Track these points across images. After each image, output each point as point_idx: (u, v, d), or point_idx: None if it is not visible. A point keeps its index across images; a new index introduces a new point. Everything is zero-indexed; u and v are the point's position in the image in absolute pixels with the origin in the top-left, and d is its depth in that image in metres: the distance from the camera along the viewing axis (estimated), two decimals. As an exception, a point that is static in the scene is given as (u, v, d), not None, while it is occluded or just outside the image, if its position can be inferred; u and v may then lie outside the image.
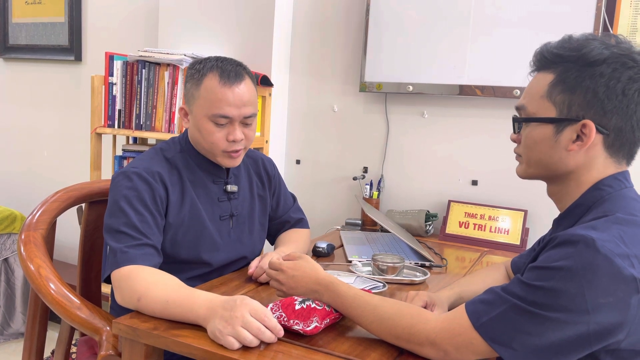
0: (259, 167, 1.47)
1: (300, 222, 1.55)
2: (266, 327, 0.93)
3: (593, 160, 0.90)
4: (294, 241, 1.46)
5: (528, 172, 0.97)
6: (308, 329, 0.97)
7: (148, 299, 1.04)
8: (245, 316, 0.92)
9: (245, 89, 1.24)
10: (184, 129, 1.35)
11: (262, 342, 0.94)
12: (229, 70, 1.23)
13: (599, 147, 0.89)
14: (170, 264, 1.23)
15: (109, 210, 1.20)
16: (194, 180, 1.30)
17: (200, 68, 1.25)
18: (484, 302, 0.86)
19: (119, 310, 1.22)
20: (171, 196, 1.25)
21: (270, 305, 1.02)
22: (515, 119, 0.97)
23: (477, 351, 0.85)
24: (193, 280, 1.29)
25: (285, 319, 0.99)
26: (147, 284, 1.07)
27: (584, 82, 0.87)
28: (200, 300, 1.00)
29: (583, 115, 0.88)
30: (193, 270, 1.30)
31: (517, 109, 0.97)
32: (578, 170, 0.91)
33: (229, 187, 1.35)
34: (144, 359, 1.01)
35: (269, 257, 1.29)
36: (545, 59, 0.92)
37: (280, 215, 1.52)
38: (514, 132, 0.98)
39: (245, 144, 1.29)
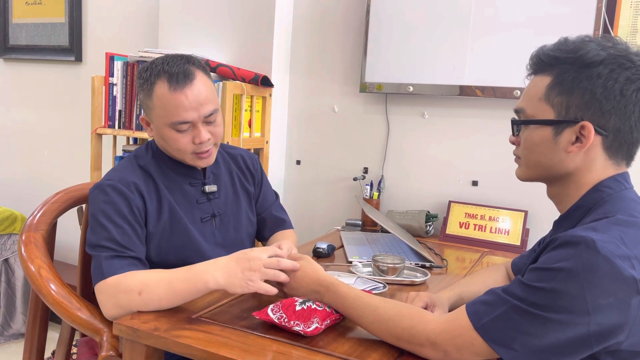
0: (239, 163, 1.43)
1: (284, 223, 1.51)
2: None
3: (592, 162, 0.90)
4: (289, 239, 1.44)
5: (528, 174, 0.97)
6: (308, 330, 0.97)
7: (150, 287, 1.05)
8: (264, 259, 1.05)
9: (200, 87, 1.19)
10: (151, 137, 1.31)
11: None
12: (177, 72, 1.17)
13: (598, 149, 0.89)
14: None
15: (89, 226, 1.18)
16: (169, 185, 1.27)
17: (147, 77, 1.20)
18: (485, 303, 0.86)
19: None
20: (148, 205, 1.22)
21: (271, 306, 1.03)
22: (514, 122, 0.97)
23: (478, 352, 0.85)
24: None
25: (285, 320, 0.99)
26: (143, 277, 1.08)
27: (582, 83, 0.87)
28: (202, 268, 1.07)
29: (581, 117, 0.88)
30: None
31: (516, 111, 0.97)
32: (578, 172, 0.91)
33: (207, 188, 1.31)
34: (145, 359, 1.01)
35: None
36: (542, 62, 0.93)
37: (259, 212, 1.48)
38: (513, 134, 0.98)
39: (214, 142, 1.25)
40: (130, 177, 1.22)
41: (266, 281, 1.07)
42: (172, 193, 1.27)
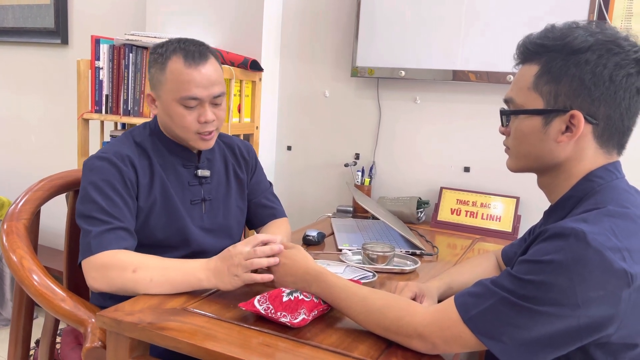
0: (235, 152, 1.44)
1: (276, 211, 1.51)
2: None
3: (583, 151, 0.88)
4: (280, 232, 1.43)
5: (518, 165, 0.95)
6: (295, 321, 0.96)
7: (144, 268, 1.09)
8: (244, 252, 1.06)
9: (211, 68, 1.23)
10: (152, 115, 1.33)
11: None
12: (193, 50, 1.21)
13: (589, 138, 0.87)
14: (146, 247, 1.21)
15: (79, 196, 1.20)
16: (164, 164, 1.29)
17: (162, 52, 1.23)
18: (473, 295, 0.84)
19: (102, 300, 1.22)
20: (141, 179, 1.24)
21: (258, 297, 1.01)
22: (502, 112, 0.95)
23: (466, 344, 0.84)
24: None
25: (272, 311, 0.98)
26: (138, 258, 1.12)
27: (570, 70, 0.85)
28: (197, 265, 1.10)
29: (570, 105, 0.86)
30: (168, 254, 1.25)
31: (505, 101, 0.95)
32: (568, 162, 0.89)
33: (200, 172, 1.33)
34: (129, 352, 0.99)
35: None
36: (529, 51, 0.90)
37: (251, 198, 1.48)
38: (502, 125, 0.96)
39: (217, 125, 1.27)
40: (125, 150, 1.24)
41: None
42: (165, 171, 1.29)
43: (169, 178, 1.29)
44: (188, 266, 1.11)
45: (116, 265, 1.10)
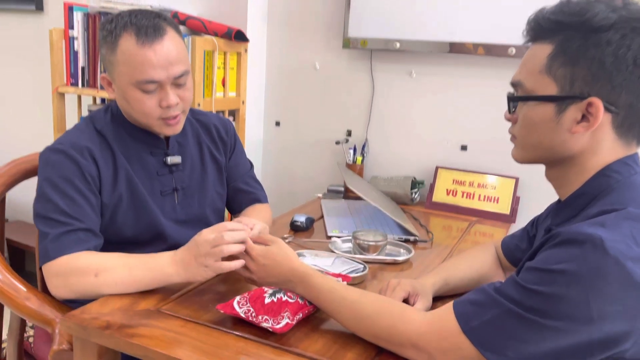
0: (212, 132, 1.32)
1: (256, 196, 1.40)
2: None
3: (599, 143, 0.78)
4: (260, 219, 1.33)
5: (525, 156, 0.85)
6: (278, 326, 0.87)
7: (107, 270, 1.00)
8: (210, 240, 0.97)
9: (170, 45, 1.08)
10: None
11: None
12: (146, 26, 1.06)
13: (607, 128, 0.78)
14: (116, 245, 1.12)
15: (36, 194, 1.08)
16: (127, 153, 1.16)
17: (112, 29, 1.08)
18: (475, 303, 0.76)
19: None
20: (103, 173, 1.12)
21: (238, 298, 0.93)
22: (510, 98, 0.85)
23: (465, 356, 0.76)
24: None
25: (253, 315, 0.89)
26: (99, 259, 1.02)
27: (589, 51, 0.75)
28: (164, 261, 1.01)
29: (588, 92, 0.76)
30: (142, 251, 1.15)
31: (513, 85, 0.85)
32: (582, 154, 0.79)
33: (169, 159, 1.20)
34: (98, 358, 0.91)
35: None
36: (541, 28, 0.79)
37: (230, 181, 1.37)
38: (509, 111, 0.86)
39: (183, 107, 1.14)
40: (83, 141, 1.11)
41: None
42: (130, 162, 1.16)
43: (135, 169, 1.16)
44: (155, 262, 1.01)
45: (76, 271, 1.00)
